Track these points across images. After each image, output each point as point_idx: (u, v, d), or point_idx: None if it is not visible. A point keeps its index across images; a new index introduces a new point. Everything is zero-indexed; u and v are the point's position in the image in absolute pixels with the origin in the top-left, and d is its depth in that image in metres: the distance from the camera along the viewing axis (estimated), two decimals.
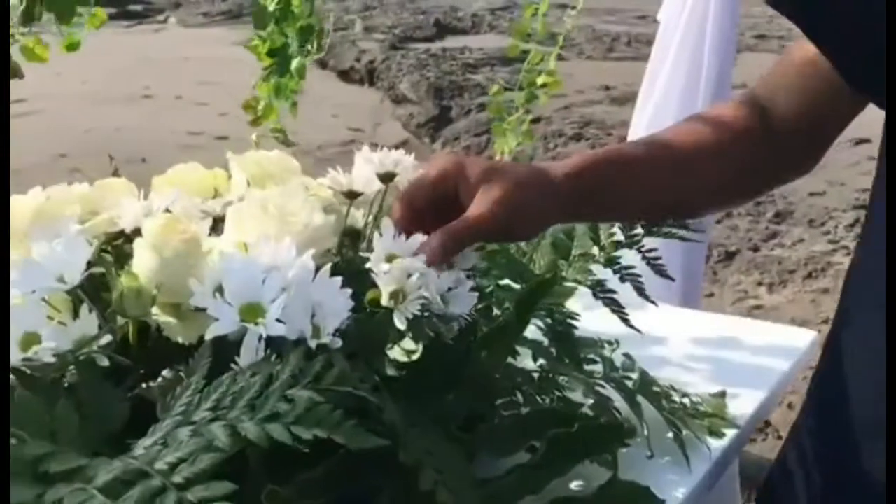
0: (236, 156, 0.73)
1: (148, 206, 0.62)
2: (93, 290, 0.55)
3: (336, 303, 0.53)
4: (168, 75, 5.64)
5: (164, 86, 5.41)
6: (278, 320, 0.50)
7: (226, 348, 0.52)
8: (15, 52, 1.11)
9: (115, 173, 0.72)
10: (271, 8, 1.23)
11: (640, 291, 0.66)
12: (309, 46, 1.27)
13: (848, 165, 3.70)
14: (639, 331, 0.67)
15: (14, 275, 0.51)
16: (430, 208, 0.63)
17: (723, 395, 0.81)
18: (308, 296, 0.52)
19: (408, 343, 0.56)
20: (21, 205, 0.59)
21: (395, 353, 0.58)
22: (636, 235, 0.67)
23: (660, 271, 0.67)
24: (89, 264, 0.52)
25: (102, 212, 0.67)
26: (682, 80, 1.72)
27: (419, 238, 0.60)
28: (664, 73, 1.75)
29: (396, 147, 0.73)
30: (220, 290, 0.52)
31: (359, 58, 5.85)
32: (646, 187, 0.70)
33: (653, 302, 0.67)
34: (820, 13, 0.59)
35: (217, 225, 0.66)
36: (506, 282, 0.74)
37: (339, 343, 0.51)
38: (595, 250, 0.67)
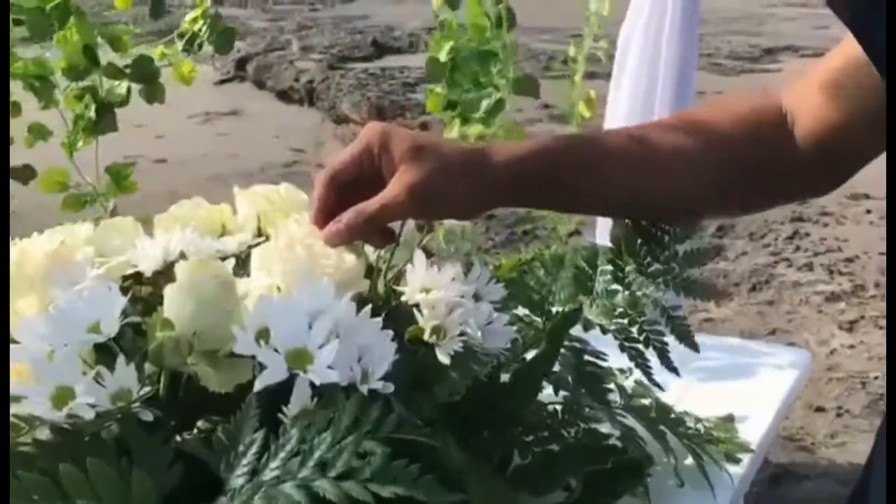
0: (243, 190, 0.71)
1: (165, 248, 0.59)
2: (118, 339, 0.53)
3: (383, 345, 0.51)
4: None
5: None
6: (328, 367, 0.48)
7: (263, 395, 0.50)
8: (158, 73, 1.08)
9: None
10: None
11: (664, 357, 0.63)
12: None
13: None
14: (662, 388, 0.66)
15: (42, 327, 0.48)
16: (354, 183, 0.60)
17: (731, 419, 0.82)
18: (355, 339, 0.50)
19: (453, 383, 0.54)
20: (32, 249, 0.56)
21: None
22: (662, 280, 0.65)
23: (682, 334, 0.63)
24: (124, 313, 0.49)
25: (110, 253, 0.64)
26: (639, 100, 1.75)
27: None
28: (623, 93, 1.77)
29: None
30: (261, 335, 0.50)
31: (297, 78, 5.80)
32: (606, 183, 0.64)
33: (676, 372, 0.64)
34: (874, 22, 0.53)
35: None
36: (522, 311, 0.73)
37: (391, 388, 0.49)
38: (618, 287, 0.66)
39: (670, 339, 0.65)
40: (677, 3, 1.66)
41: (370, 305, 0.53)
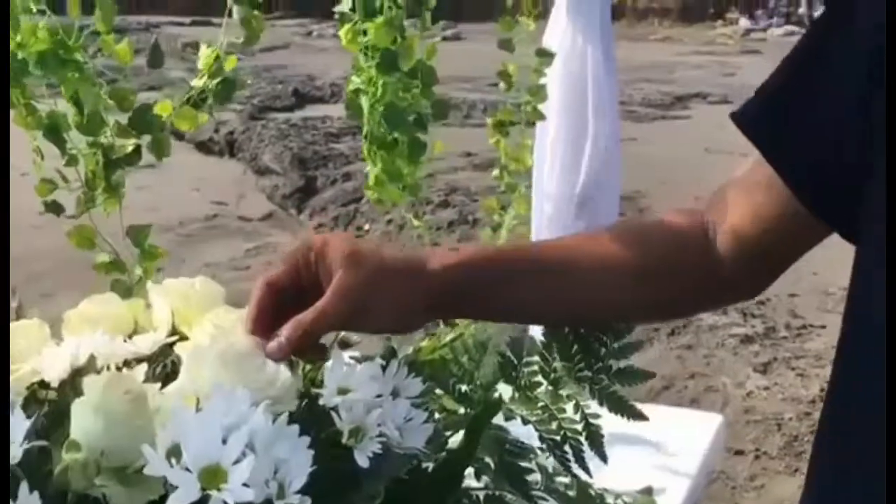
0: (157, 285, 0.70)
1: (74, 355, 0.58)
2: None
3: (300, 455, 0.51)
4: (13, 151, 5.35)
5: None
6: (244, 484, 0.47)
7: None
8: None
9: None
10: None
11: (579, 458, 0.64)
12: None
13: None
14: (580, 479, 0.67)
15: None
16: (292, 292, 0.60)
17: (649, 491, 0.83)
18: (271, 452, 0.50)
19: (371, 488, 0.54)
20: None
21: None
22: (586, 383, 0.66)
23: (595, 442, 0.64)
24: (27, 437, 0.48)
25: (16, 359, 0.61)
26: (568, 147, 1.78)
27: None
28: (550, 142, 1.81)
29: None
30: (173, 452, 0.49)
31: (217, 128, 5.74)
32: (540, 294, 0.66)
33: (589, 473, 0.66)
34: (783, 142, 0.58)
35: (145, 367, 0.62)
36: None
37: (308, 502, 0.49)
38: (541, 381, 0.67)
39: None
40: (597, 52, 1.71)
41: (286, 413, 0.53)
